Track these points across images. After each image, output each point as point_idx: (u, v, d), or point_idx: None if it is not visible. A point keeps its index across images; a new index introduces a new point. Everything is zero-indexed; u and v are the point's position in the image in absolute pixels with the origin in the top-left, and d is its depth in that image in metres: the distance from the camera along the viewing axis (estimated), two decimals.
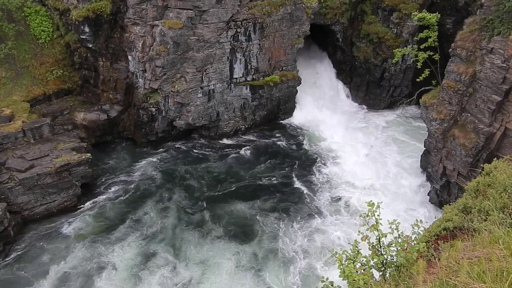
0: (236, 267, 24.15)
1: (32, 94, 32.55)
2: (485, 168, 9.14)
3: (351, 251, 6.42)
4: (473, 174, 23.35)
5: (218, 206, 29.12)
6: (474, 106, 24.55)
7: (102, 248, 25.24)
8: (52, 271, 23.63)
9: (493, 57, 23.00)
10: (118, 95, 35.00)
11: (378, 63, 39.75)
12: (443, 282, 4.92)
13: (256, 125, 39.02)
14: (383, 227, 6.66)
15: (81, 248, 25.20)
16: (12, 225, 25.35)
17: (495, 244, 5.49)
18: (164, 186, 30.87)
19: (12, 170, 26.71)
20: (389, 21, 38.18)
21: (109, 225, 27.14)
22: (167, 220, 27.67)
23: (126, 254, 24.95)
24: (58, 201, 28.04)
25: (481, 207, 7.37)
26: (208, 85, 34.29)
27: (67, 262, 24.25)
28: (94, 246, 25.37)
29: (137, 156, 34.52)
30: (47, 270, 23.63)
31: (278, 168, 33.24)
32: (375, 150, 35.32)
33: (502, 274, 4.69)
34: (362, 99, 42.85)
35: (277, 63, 37.32)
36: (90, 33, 32.86)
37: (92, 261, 24.32)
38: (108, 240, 25.86)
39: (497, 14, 23.17)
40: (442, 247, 6.36)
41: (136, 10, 31.50)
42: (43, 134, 29.82)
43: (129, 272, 23.78)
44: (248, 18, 33.68)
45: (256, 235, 26.47)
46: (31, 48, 33.79)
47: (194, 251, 25.30)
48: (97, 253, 24.90)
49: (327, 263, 23.92)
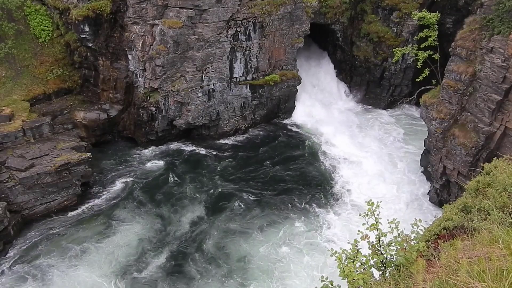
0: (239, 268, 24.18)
1: (32, 93, 32.52)
2: (485, 167, 9.12)
3: (351, 250, 6.42)
4: (473, 174, 23.32)
5: (218, 205, 29.13)
6: (474, 106, 24.55)
7: (102, 248, 25.23)
8: (52, 270, 23.63)
9: (493, 56, 22.99)
10: (118, 94, 34.98)
11: (378, 62, 39.75)
12: (443, 282, 4.92)
13: (256, 125, 39.00)
14: (383, 226, 6.66)
15: (81, 248, 25.20)
16: (12, 225, 25.35)
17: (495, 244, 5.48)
18: (164, 186, 30.86)
19: (12, 169, 26.71)
20: (389, 21, 38.17)
21: (108, 224, 27.13)
22: (167, 220, 27.67)
23: (125, 253, 24.96)
24: (58, 201, 28.04)
25: (481, 206, 7.36)
26: (208, 85, 34.29)
27: (67, 262, 24.25)
28: (93, 246, 25.38)
29: (137, 155, 34.51)
30: (47, 270, 23.63)
31: (278, 167, 33.21)
32: (374, 149, 35.31)
33: (502, 273, 4.69)
34: (362, 98, 42.83)
35: (277, 62, 37.31)
36: (90, 32, 32.85)
37: (92, 261, 24.32)
38: (107, 240, 25.86)
39: (497, 14, 23.16)
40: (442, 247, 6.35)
41: (136, 9, 31.49)
42: (43, 134, 29.82)
43: (129, 272, 23.81)
44: (248, 17, 33.66)
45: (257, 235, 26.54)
46: (31, 47, 33.77)
47: (194, 251, 25.31)
48: (96, 253, 24.89)
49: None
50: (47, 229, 26.63)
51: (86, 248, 25.16)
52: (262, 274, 23.49)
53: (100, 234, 26.27)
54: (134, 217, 27.79)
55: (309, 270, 23.60)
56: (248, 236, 26.39)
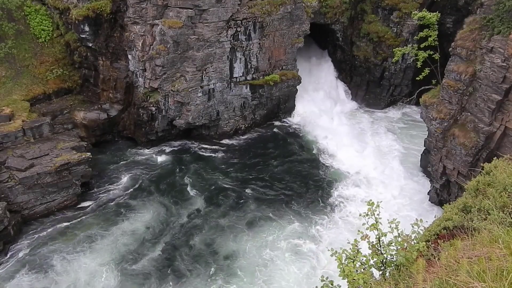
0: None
1: (32, 93, 32.54)
2: (485, 167, 9.12)
3: (351, 250, 6.42)
4: (473, 174, 23.32)
5: (218, 204, 29.15)
6: (474, 106, 24.54)
7: (102, 248, 25.25)
8: (52, 270, 23.64)
9: (493, 56, 22.98)
10: (118, 94, 34.98)
11: (378, 62, 39.75)
12: (443, 281, 4.92)
13: (256, 124, 39.00)
14: (383, 226, 6.66)
15: (81, 247, 25.21)
16: (12, 224, 25.36)
17: (495, 243, 5.48)
18: (163, 186, 30.88)
19: (12, 169, 26.71)
20: (389, 20, 38.17)
21: (108, 224, 27.13)
22: (167, 220, 27.68)
23: (124, 253, 24.98)
24: (58, 200, 28.05)
25: (481, 206, 7.37)
26: (208, 84, 34.28)
27: (67, 261, 24.26)
28: (93, 246, 25.39)
29: (137, 155, 34.51)
30: (47, 270, 23.64)
31: (278, 167, 33.22)
32: (374, 149, 35.31)
33: (502, 273, 4.69)
34: (362, 98, 42.84)
35: (277, 62, 37.31)
36: (90, 32, 32.85)
37: (92, 261, 24.33)
38: (107, 240, 25.88)
39: (497, 13, 23.15)
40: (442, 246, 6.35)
41: (136, 9, 31.48)
42: (43, 133, 29.82)
43: (127, 272, 23.83)
44: (248, 17, 33.66)
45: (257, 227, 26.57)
46: (31, 47, 33.77)
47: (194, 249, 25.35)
48: (96, 252, 24.91)
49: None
50: (47, 229, 26.64)
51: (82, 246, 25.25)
52: (245, 273, 23.60)
53: (100, 233, 26.26)
54: (133, 216, 27.79)
55: (293, 274, 23.28)
56: (237, 233, 26.54)
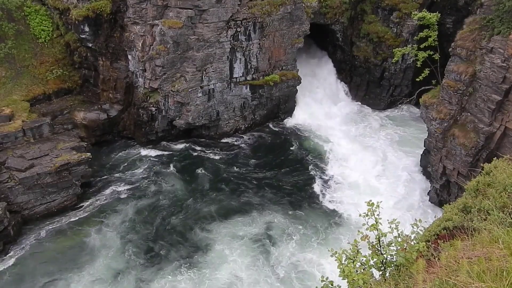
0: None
1: (32, 93, 32.55)
2: (485, 167, 9.11)
3: (351, 251, 6.42)
4: (473, 174, 23.32)
5: (218, 204, 29.16)
6: (474, 106, 24.54)
7: (101, 248, 25.24)
8: (52, 270, 23.63)
9: (493, 56, 22.98)
10: (118, 95, 34.98)
11: (378, 62, 39.74)
12: (442, 282, 4.92)
13: (256, 125, 38.99)
14: (383, 227, 6.66)
15: (80, 247, 25.20)
16: (12, 225, 25.36)
17: (494, 244, 5.48)
18: (163, 186, 30.86)
19: (12, 169, 26.71)
20: (389, 21, 38.16)
21: (108, 224, 27.13)
22: (167, 220, 27.68)
23: (123, 253, 24.96)
24: (58, 201, 28.04)
25: (481, 206, 7.36)
26: (208, 85, 34.28)
27: (67, 261, 24.26)
28: (93, 246, 25.38)
29: (137, 155, 34.49)
30: (47, 269, 23.64)
31: (278, 167, 33.22)
32: (374, 149, 35.30)
33: (501, 273, 4.68)
34: (362, 99, 42.82)
35: (277, 62, 37.30)
36: (90, 32, 32.85)
37: (91, 260, 24.33)
38: (107, 239, 25.87)
39: (497, 14, 23.17)
40: (442, 247, 6.35)
41: (136, 9, 31.49)
42: (43, 134, 29.81)
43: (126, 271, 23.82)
44: (248, 17, 33.65)
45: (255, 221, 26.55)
46: (31, 47, 33.78)
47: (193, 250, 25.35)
48: (96, 252, 24.90)
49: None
50: (46, 229, 26.64)
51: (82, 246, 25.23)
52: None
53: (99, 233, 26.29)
54: (133, 216, 27.78)
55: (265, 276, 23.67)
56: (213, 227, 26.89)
